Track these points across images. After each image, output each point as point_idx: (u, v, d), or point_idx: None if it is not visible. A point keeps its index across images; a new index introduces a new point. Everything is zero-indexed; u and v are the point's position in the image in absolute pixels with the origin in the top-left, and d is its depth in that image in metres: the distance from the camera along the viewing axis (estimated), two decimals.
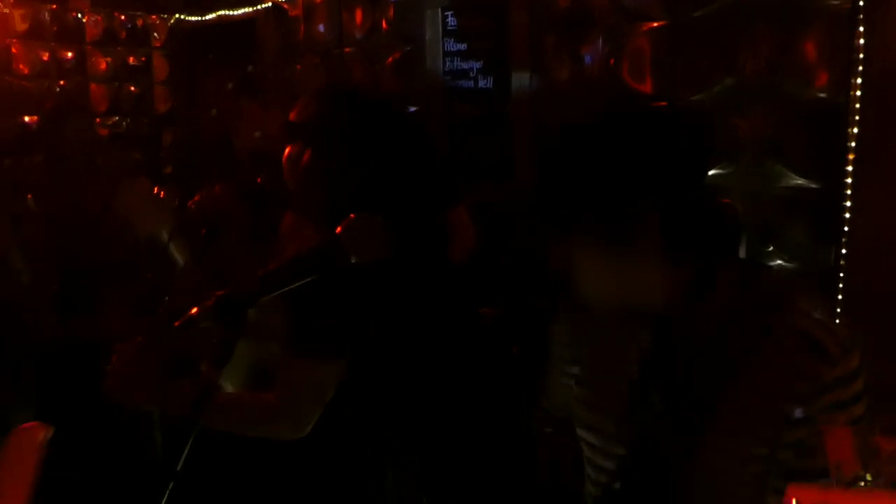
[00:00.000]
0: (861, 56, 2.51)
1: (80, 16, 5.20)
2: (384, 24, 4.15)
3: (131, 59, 5.47)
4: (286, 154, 1.79)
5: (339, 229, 1.40)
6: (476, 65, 3.81)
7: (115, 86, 5.37)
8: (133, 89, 5.47)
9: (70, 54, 5.15)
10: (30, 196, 3.29)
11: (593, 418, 1.37)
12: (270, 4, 4.79)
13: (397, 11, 4.06)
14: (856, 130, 2.54)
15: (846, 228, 2.60)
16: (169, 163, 5.53)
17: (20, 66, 4.88)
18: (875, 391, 1.21)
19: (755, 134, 2.80)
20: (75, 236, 3.11)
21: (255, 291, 1.36)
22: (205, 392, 1.53)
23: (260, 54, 4.90)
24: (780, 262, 2.77)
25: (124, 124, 5.39)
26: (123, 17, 5.41)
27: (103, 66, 5.32)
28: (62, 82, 5.08)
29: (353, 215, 1.42)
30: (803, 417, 1.16)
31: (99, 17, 5.28)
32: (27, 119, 4.69)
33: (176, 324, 1.35)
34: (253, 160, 2.37)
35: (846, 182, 2.58)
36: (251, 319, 1.35)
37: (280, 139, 1.81)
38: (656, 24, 3.05)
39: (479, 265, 2.51)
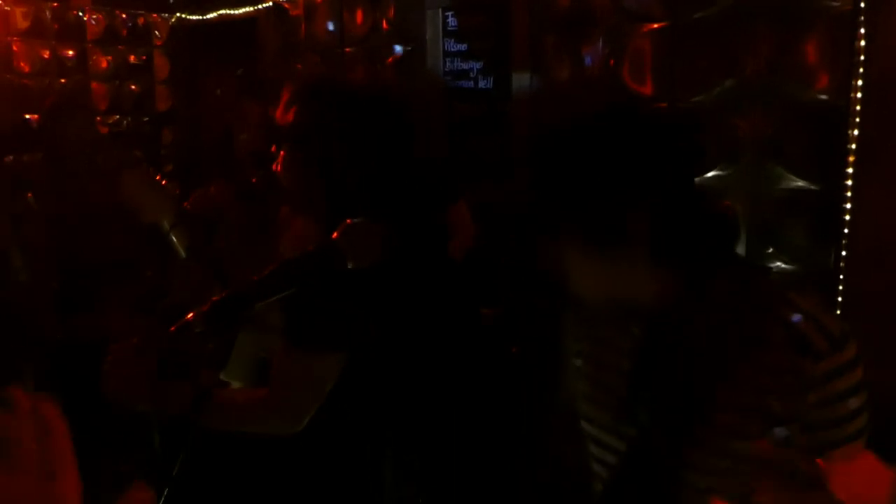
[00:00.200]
0: (861, 58, 2.51)
1: (82, 14, 5.20)
2: (385, 24, 4.15)
3: (132, 58, 5.47)
4: (282, 154, 1.79)
5: (336, 234, 1.40)
6: (476, 65, 3.81)
7: (116, 84, 5.37)
8: (134, 88, 5.47)
9: (71, 52, 5.15)
10: (30, 195, 3.28)
11: (592, 411, 1.38)
12: (271, 4, 4.79)
13: (398, 11, 4.06)
14: (856, 132, 2.54)
15: (846, 230, 2.60)
16: (169, 161, 5.53)
17: (21, 64, 4.88)
18: (874, 392, 1.21)
19: (755, 135, 2.80)
20: (75, 235, 3.10)
21: (251, 296, 1.36)
22: (202, 393, 1.54)
23: (261, 53, 4.90)
24: (780, 264, 2.77)
25: (125, 123, 5.39)
26: (124, 16, 5.41)
27: (104, 65, 5.32)
28: (63, 80, 5.08)
29: (350, 220, 1.42)
30: (791, 414, 1.14)
31: (100, 16, 5.28)
32: (28, 117, 4.69)
33: (172, 329, 1.35)
34: (252, 159, 2.36)
35: (846, 183, 2.58)
36: (252, 315, 1.35)
37: (278, 138, 1.80)
38: (657, 26, 3.05)
39: (479, 265, 2.51)
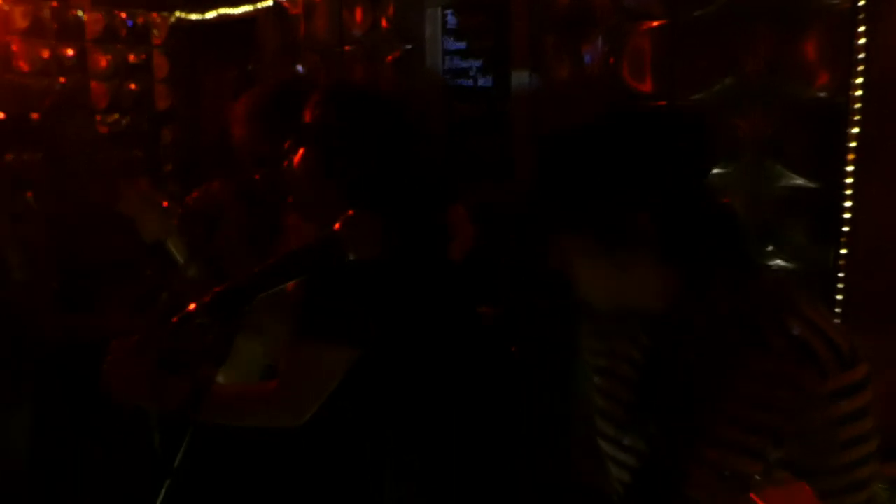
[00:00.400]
0: (861, 56, 2.51)
1: (81, 13, 5.19)
2: (384, 23, 4.14)
3: (132, 57, 5.45)
4: (284, 153, 1.79)
5: (337, 226, 1.40)
6: (476, 63, 3.80)
7: (116, 83, 5.35)
8: (133, 87, 5.46)
9: (70, 52, 5.13)
10: (30, 194, 3.28)
11: (606, 426, 1.36)
12: (271, 3, 4.79)
13: (397, 10, 4.05)
14: (856, 130, 2.54)
15: (846, 228, 2.60)
16: (169, 161, 5.52)
17: (20, 64, 4.86)
18: (874, 394, 1.20)
19: (755, 134, 2.80)
20: (75, 234, 3.10)
21: (252, 288, 1.36)
22: (201, 389, 1.53)
23: (260, 52, 4.89)
24: (780, 263, 2.77)
25: (124, 122, 5.38)
26: (124, 15, 5.40)
27: (103, 64, 5.31)
28: (62, 79, 5.06)
29: (351, 212, 1.41)
30: (794, 433, 1.08)
31: (99, 15, 5.26)
32: (27, 116, 4.68)
33: (173, 320, 1.34)
34: (252, 158, 2.36)
35: (846, 182, 2.58)
36: (249, 314, 1.34)
37: (292, 138, 1.80)
38: (656, 24, 3.05)
39: (479, 265, 2.50)
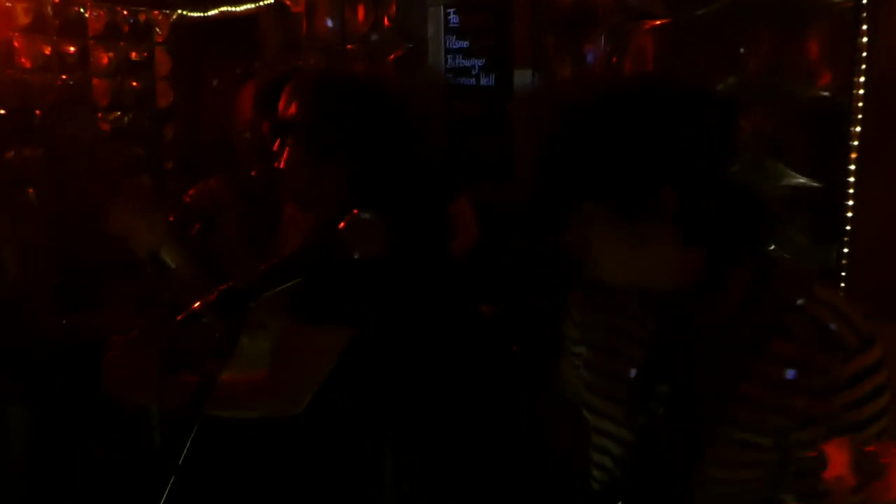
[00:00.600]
0: (864, 55, 2.51)
1: (83, 10, 5.19)
2: (386, 21, 4.14)
3: (133, 55, 5.46)
4: (286, 148, 1.77)
5: (342, 225, 1.39)
6: (478, 62, 3.80)
7: (117, 81, 5.36)
8: (135, 84, 5.46)
9: (72, 49, 5.13)
10: (31, 191, 3.29)
11: (598, 401, 1.36)
12: (273, 0, 4.78)
13: (399, 8, 4.05)
14: (858, 129, 2.54)
15: (848, 228, 2.60)
16: (170, 158, 5.53)
17: (22, 60, 4.86)
18: None
19: (757, 133, 2.79)
20: (76, 232, 3.11)
21: (257, 286, 1.36)
22: (204, 387, 1.52)
23: (262, 51, 4.89)
24: None
25: (126, 119, 5.38)
26: (126, 12, 5.40)
27: (105, 61, 5.31)
28: (64, 77, 5.06)
29: (356, 211, 1.41)
30: (817, 415, 1.09)
31: (101, 12, 5.27)
32: (29, 113, 4.68)
33: (178, 318, 1.34)
34: (252, 154, 2.36)
35: (848, 181, 2.57)
36: (254, 312, 1.34)
37: (281, 132, 1.79)
38: (658, 23, 3.05)
39: (480, 263, 2.50)
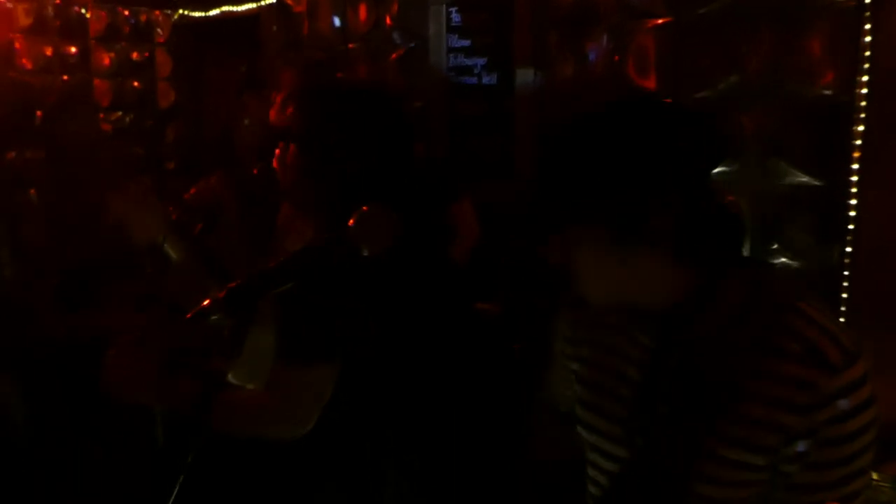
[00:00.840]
0: (866, 54, 2.50)
1: (84, 11, 5.19)
2: (388, 20, 4.14)
3: (135, 55, 5.46)
4: (278, 151, 1.77)
5: (351, 221, 1.38)
6: (480, 61, 3.80)
7: (119, 81, 5.36)
8: (136, 85, 5.46)
9: (73, 49, 5.14)
10: (32, 191, 3.29)
11: (593, 418, 1.35)
12: (274, 0, 4.78)
13: (401, 7, 4.05)
14: (860, 128, 2.53)
15: (850, 226, 2.59)
16: (172, 158, 5.53)
17: (23, 61, 4.87)
18: (877, 391, 1.20)
19: (759, 131, 2.79)
20: (77, 232, 3.11)
21: (266, 283, 1.35)
22: (210, 387, 1.52)
23: (263, 50, 4.89)
24: (784, 261, 2.76)
25: (127, 119, 5.38)
26: (127, 13, 5.41)
27: (107, 62, 5.31)
28: (65, 77, 5.07)
29: (365, 207, 1.40)
30: (805, 429, 1.11)
31: (102, 13, 5.27)
32: (30, 114, 4.68)
33: (188, 315, 1.33)
34: (252, 154, 2.36)
35: (850, 180, 2.57)
36: (261, 309, 1.33)
37: (277, 135, 1.78)
38: (661, 22, 3.04)
39: (482, 263, 2.50)
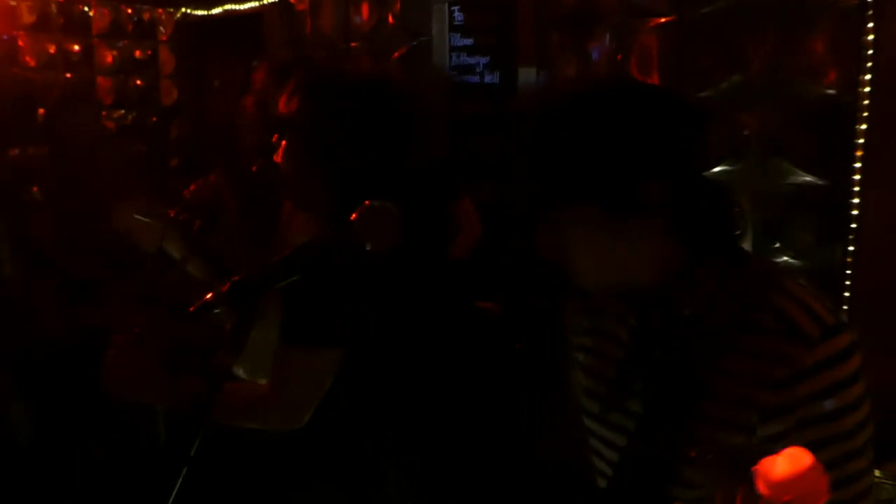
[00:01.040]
0: (868, 53, 2.50)
1: (87, 9, 5.20)
2: (390, 19, 4.14)
3: (137, 53, 5.46)
4: (283, 144, 1.76)
5: (354, 216, 1.38)
6: (482, 60, 3.80)
7: (122, 79, 5.36)
8: (139, 82, 5.46)
9: (76, 47, 5.14)
10: (35, 188, 3.29)
11: (593, 406, 1.36)
12: None
13: (404, 6, 4.05)
14: (864, 127, 2.53)
15: (853, 226, 2.59)
16: (174, 156, 5.53)
17: (27, 58, 4.87)
18: (880, 389, 1.20)
19: (762, 131, 2.79)
20: (79, 230, 3.11)
21: (270, 278, 1.34)
22: (212, 385, 1.51)
23: (266, 48, 4.89)
24: (787, 259, 2.76)
25: (130, 117, 5.38)
26: (130, 11, 5.41)
27: (109, 59, 5.31)
28: (68, 75, 5.07)
29: (368, 202, 1.39)
30: (783, 406, 1.09)
31: (105, 10, 5.27)
32: (33, 111, 4.68)
33: (191, 309, 1.32)
34: (253, 151, 2.36)
35: (854, 179, 2.57)
36: (264, 304, 1.32)
37: (280, 127, 1.77)
38: (663, 20, 3.04)
39: (482, 261, 2.50)
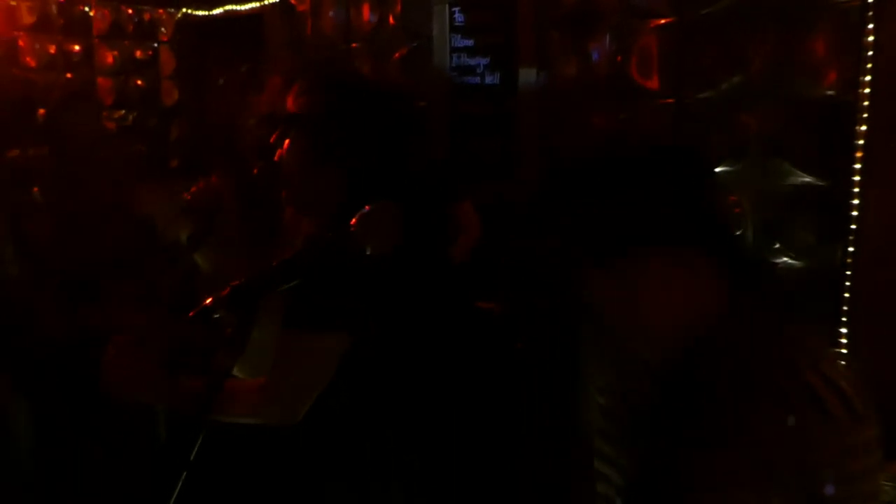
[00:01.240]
0: (869, 54, 2.50)
1: (87, 9, 5.20)
2: (391, 20, 4.14)
3: (138, 53, 5.47)
4: (286, 142, 1.75)
5: (354, 220, 1.38)
6: (483, 61, 3.80)
7: (122, 79, 5.36)
8: (140, 83, 5.47)
9: (77, 47, 5.14)
10: (35, 189, 3.28)
11: (608, 450, 1.31)
12: None
13: (404, 7, 4.05)
14: (864, 128, 2.53)
15: (853, 226, 2.59)
16: (175, 156, 5.53)
17: (27, 59, 4.87)
18: (880, 389, 1.19)
19: (763, 131, 2.79)
20: (80, 230, 3.10)
21: (269, 281, 1.35)
22: (216, 382, 1.51)
23: (267, 49, 4.89)
24: (787, 260, 2.76)
25: (131, 118, 5.39)
26: (130, 11, 5.41)
27: (110, 60, 5.32)
28: (69, 75, 5.07)
29: (368, 206, 1.40)
30: (797, 483, 1.01)
31: (106, 11, 5.28)
32: (33, 111, 4.68)
33: (191, 314, 1.33)
34: (254, 152, 2.36)
35: (854, 180, 2.57)
36: (264, 307, 1.33)
37: (284, 126, 1.77)
38: (664, 21, 3.04)
39: (483, 262, 2.50)
